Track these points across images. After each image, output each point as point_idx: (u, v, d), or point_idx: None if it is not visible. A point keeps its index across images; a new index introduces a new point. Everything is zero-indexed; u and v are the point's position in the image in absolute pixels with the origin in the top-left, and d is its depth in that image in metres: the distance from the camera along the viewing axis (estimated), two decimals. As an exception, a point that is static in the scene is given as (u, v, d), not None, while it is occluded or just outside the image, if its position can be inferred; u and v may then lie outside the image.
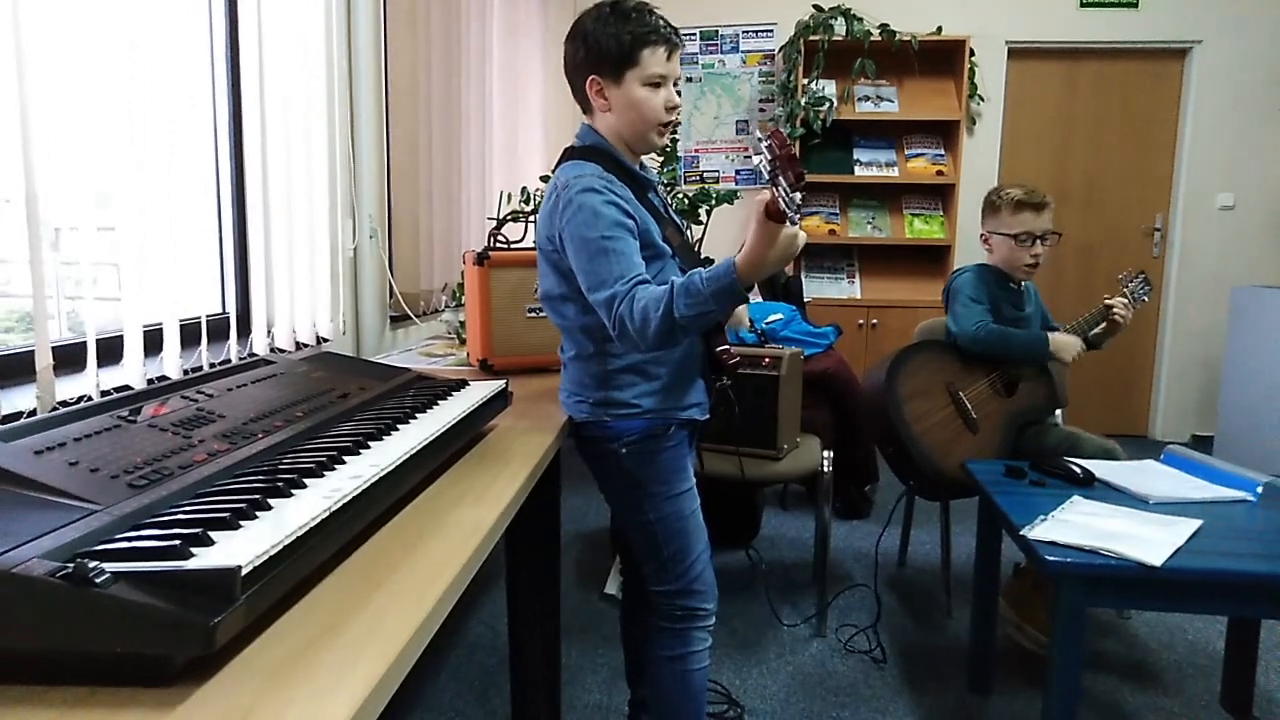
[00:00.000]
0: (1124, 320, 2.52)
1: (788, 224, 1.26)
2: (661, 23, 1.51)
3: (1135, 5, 4.72)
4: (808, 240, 1.34)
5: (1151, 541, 1.64)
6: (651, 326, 1.34)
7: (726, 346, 1.60)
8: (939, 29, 4.63)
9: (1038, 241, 2.52)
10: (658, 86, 1.52)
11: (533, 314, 2.10)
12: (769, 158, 1.22)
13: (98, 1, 1.56)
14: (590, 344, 1.56)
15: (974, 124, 4.84)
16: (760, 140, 1.25)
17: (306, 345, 2.26)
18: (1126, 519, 1.79)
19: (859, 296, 4.74)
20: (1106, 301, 2.54)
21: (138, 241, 1.64)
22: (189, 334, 1.79)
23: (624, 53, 1.48)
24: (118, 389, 1.53)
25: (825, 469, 2.58)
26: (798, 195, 1.22)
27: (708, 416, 1.68)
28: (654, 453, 1.57)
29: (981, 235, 2.64)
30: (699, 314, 1.32)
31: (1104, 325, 2.55)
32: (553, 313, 1.61)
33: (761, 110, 4.99)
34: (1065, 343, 2.50)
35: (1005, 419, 2.54)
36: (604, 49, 1.49)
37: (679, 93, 1.57)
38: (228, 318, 2.03)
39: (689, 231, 2.16)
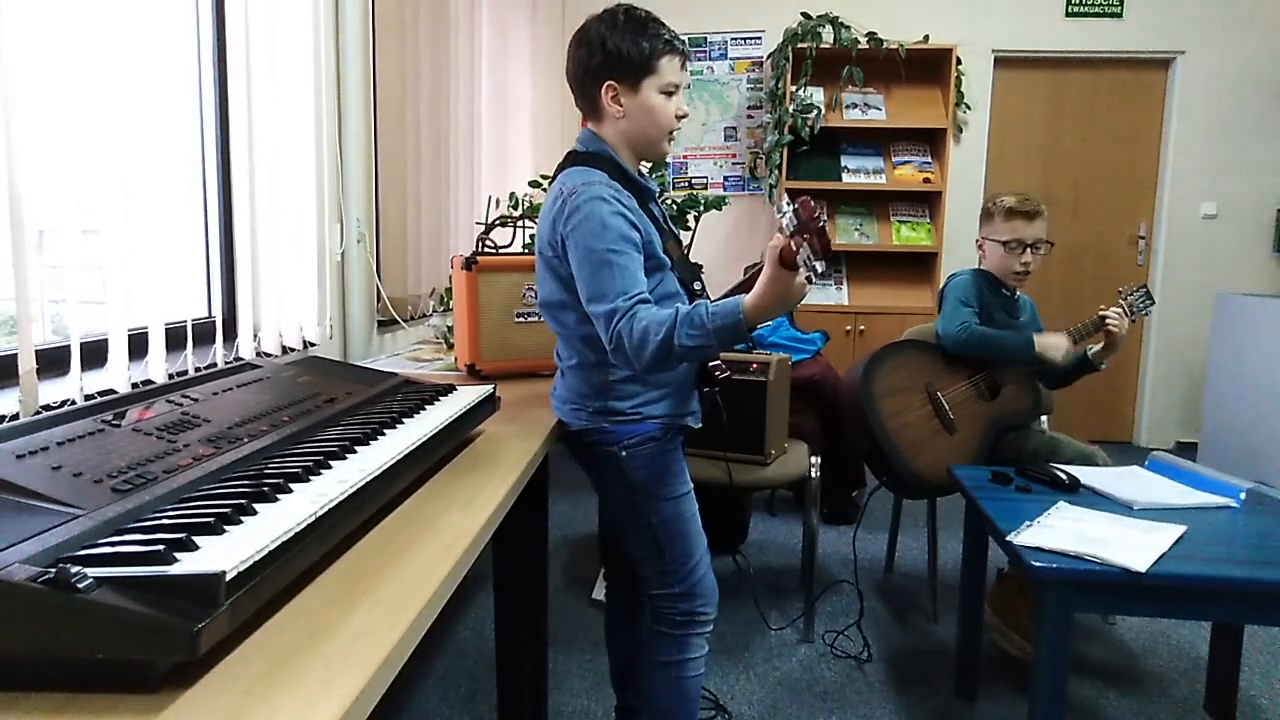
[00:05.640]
0: (1119, 331, 2.48)
1: (800, 274, 1.25)
2: (671, 34, 1.53)
3: (1120, 16, 4.77)
4: None
5: (1136, 547, 1.65)
6: (648, 349, 1.33)
7: (718, 361, 1.61)
8: (926, 38, 4.66)
9: (1028, 249, 2.53)
10: (670, 95, 1.53)
11: (521, 319, 2.09)
12: (796, 221, 1.19)
13: (84, 2, 1.55)
14: (591, 353, 1.54)
15: (961, 132, 4.88)
16: (788, 204, 1.22)
17: (293, 349, 2.25)
18: (1111, 525, 1.80)
19: (846, 303, 4.76)
20: (1101, 312, 2.50)
21: (123, 244, 1.63)
22: (174, 337, 1.78)
23: (644, 60, 1.49)
24: (102, 393, 1.52)
25: (813, 474, 2.59)
26: (819, 265, 1.19)
27: (700, 425, 1.68)
28: (655, 455, 1.57)
29: (976, 240, 2.66)
30: (698, 346, 1.31)
31: (1101, 339, 2.52)
32: (551, 320, 1.60)
33: (750, 117, 5.01)
34: (1052, 343, 2.49)
35: (985, 422, 2.55)
36: (624, 55, 1.49)
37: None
38: (214, 321, 2.02)
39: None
